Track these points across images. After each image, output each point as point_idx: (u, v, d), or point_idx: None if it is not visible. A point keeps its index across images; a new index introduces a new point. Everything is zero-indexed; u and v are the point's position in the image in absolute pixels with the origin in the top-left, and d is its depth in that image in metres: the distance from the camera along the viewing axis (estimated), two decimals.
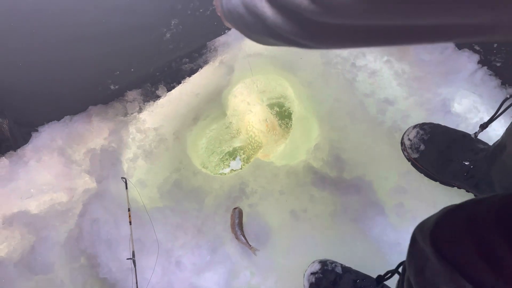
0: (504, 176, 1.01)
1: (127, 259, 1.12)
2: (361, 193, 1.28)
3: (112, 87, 1.41)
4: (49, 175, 1.32)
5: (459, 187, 1.21)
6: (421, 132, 1.24)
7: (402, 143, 1.29)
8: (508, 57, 1.30)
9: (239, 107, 1.70)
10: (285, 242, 1.25)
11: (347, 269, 1.13)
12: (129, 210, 1.16)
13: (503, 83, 1.30)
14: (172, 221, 1.26)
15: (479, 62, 1.33)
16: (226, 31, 1.50)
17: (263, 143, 1.75)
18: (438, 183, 1.24)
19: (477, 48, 1.34)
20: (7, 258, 1.23)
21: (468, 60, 1.33)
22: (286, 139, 1.67)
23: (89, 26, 1.19)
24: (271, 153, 1.68)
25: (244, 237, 1.22)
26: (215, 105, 1.56)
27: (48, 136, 1.34)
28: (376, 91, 1.40)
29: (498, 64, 1.31)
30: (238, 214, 1.25)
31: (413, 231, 0.74)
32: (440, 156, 1.21)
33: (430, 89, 1.35)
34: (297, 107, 1.60)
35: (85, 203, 1.25)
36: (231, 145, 1.76)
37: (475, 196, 1.16)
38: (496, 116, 1.11)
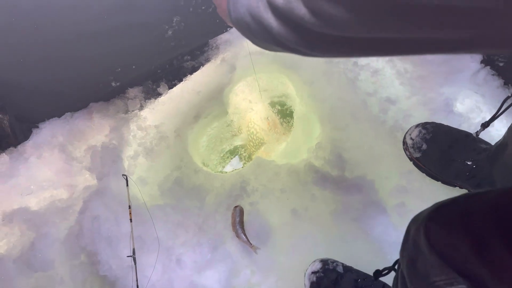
0: (506, 176, 1.00)
1: (127, 256, 1.11)
2: (363, 192, 1.28)
3: (113, 84, 1.40)
4: (49, 171, 1.31)
5: (461, 187, 1.20)
6: (423, 131, 1.24)
7: (404, 143, 1.29)
8: (511, 57, 1.30)
9: (240, 105, 1.69)
10: (286, 241, 1.24)
11: (348, 268, 1.13)
12: (129, 208, 1.15)
13: (506, 83, 1.30)
14: (173, 219, 1.26)
15: (482, 62, 1.32)
16: (228, 29, 1.49)
17: (265, 140, 1.74)
18: (440, 183, 1.24)
19: None
20: (6, 255, 1.22)
21: (471, 60, 1.33)
22: (288, 137, 1.66)
23: (91, 22, 1.19)
24: (272, 152, 1.67)
25: (245, 235, 1.21)
26: (216, 103, 1.55)
27: (49, 133, 1.33)
28: (379, 90, 1.40)
29: (501, 64, 1.31)
30: (239, 213, 1.24)
31: (408, 223, 0.74)
32: (442, 155, 1.20)
33: (433, 89, 1.35)
34: (299, 106, 1.60)
35: (85, 200, 1.24)
36: (232, 143, 1.76)
37: None
38: (497, 115, 1.10)
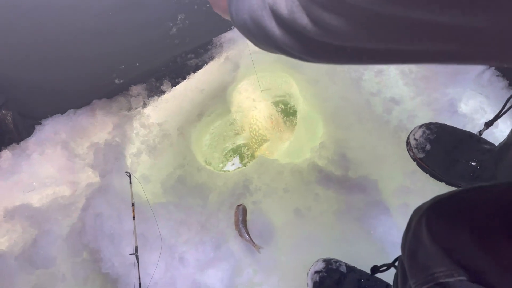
0: (510, 176, 1.00)
1: (130, 254, 1.11)
2: (366, 192, 1.27)
3: (116, 81, 1.40)
4: (52, 168, 1.31)
5: None
6: (427, 132, 1.23)
7: (408, 143, 1.28)
8: None
9: (243, 104, 1.69)
10: (289, 240, 1.24)
11: (351, 268, 1.13)
12: (132, 205, 1.15)
13: (510, 84, 1.30)
14: (175, 217, 1.25)
15: None
16: (232, 27, 1.49)
17: (267, 137, 1.74)
18: (444, 183, 1.24)
19: None
20: (8, 252, 1.22)
21: None
22: (291, 136, 1.66)
23: (95, 20, 1.18)
24: (275, 151, 1.67)
25: (248, 234, 1.21)
26: (219, 101, 1.55)
27: (52, 129, 1.33)
28: (383, 90, 1.39)
29: (506, 65, 1.30)
30: (242, 211, 1.24)
31: (411, 215, 0.74)
32: (446, 156, 1.20)
33: (437, 89, 1.35)
34: (302, 105, 1.59)
35: (88, 197, 1.24)
36: (235, 142, 1.75)
37: None
38: (501, 113, 1.10)
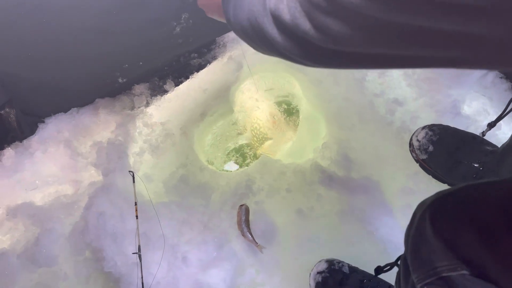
0: None
1: (132, 253, 1.10)
2: (369, 193, 1.27)
3: (120, 80, 1.40)
4: (54, 167, 1.31)
5: None
6: (430, 133, 1.24)
7: (411, 144, 1.28)
8: None
9: (246, 104, 1.69)
10: (291, 240, 1.24)
11: (354, 269, 1.13)
12: (136, 204, 1.15)
13: None
14: (178, 216, 1.25)
15: None
16: None
17: (268, 136, 1.74)
18: (447, 185, 1.24)
19: None
20: (10, 250, 1.22)
21: None
22: (294, 137, 1.66)
23: (100, 18, 1.18)
24: (278, 151, 1.67)
25: (250, 234, 1.21)
26: (222, 101, 1.55)
27: (55, 128, 1.33)
28: (386, 91, 1.39)
29: (506, 70, 1.31)
30: (244, 211, 1.24)
31: (414, 210, 0.74)
32: (449, 157, 1.20)
33: (440, 91, 1.35)
34: (305, 106, 1.60)
35: (91, 196, 1.23)
36: (237, 142, 1.75)
37: None
38: (504, 114, 1.10)
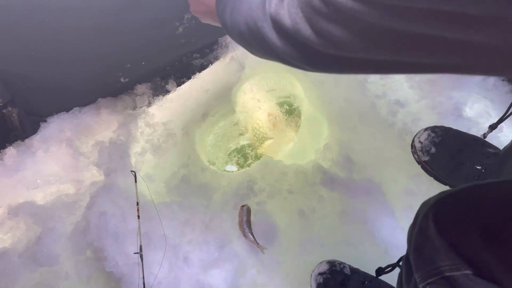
0: None
1: (134, 253, 1.10)
2: (370, 194, 1.27)
3: (122, 80, 1.40)
4: (56, 166, 1.31)
5: None
6: (432, 135, 1.24)
7: (413, 146, 1.28)
8: None
9: (248, 104, 1.69)
10: (293, 241, 1.24)
11: (355, 271, 1.13)
12: (137, 204, 1.15)
13: None
14: (179, 216, 1.25)
15: None
16: None
17: (268, 135, 1.74)
18: (448, 187, 1.24)
19: None
20: (11, 249, 1.21)
21: None
22: (295, 138, 1.66)
23: (102, 18, 1.18)
24: (279, 151, 1.67)
25: (252, 235, 1.21)
26: (224, 101, 1.55)
27: (57, 127, 1.33)
28: (388, 93, 1.39)
29: (506, 77, 1.31)
30: (246, 212, 1.23)
31: (417, 209, 0.74)
32: (451, 159, 1.20)
33: (442, 93, 1.35)
34: (306, 107, 1.60)
35: (92, 195, 1.23)
36: (239, 142, 1.75)
37: None
38: (505, 116, 1.10)
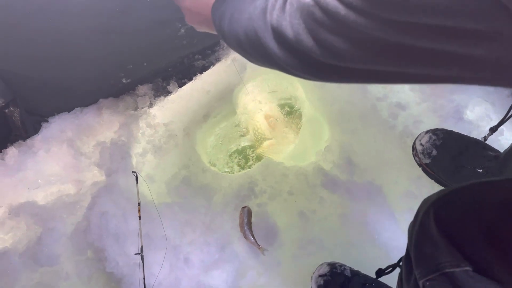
0: None
1: (135, 254, 1.10)
2: (371, 197, 1.27)
3: (124, 80, 1.40)
4: (57, 166, 1.31)
5: None
6: (433, 137, 1.24)
7: (414, 148, 1.29)
8: None
9: (249, 106, 1.69)
10: (293, 243, 1.24)
11: (356, 273, 1.13)
12: (138, 205, 1.15)
13: None
14: (180, 217, 1.25)
15: None
16: None
17: (266, 136, 1.74)
18: None
19: None
20: (12, 249, 1.21)
21: None
22: (296, 139, 1.66)
23: (104, 19, 1.18)
24: (280, 153, 1.67)
25: (252, 236, 1.21)
26: (225, 102, 1.55)
27: (58, 127, 1.33)
28: (389, 95, 1.40)
29: (502, 87, 1.31)
30: (247, 213, 1.23)
31: (418, 206, 0.74)
32: (452, 162, 1.20)
33: (443, 95, 1.35)
34: (308, 108, 1.60)
35: (93, 196, 1.23)
36: (240, 144, 1.76)
37: None
38: (506, 119, 1.10)
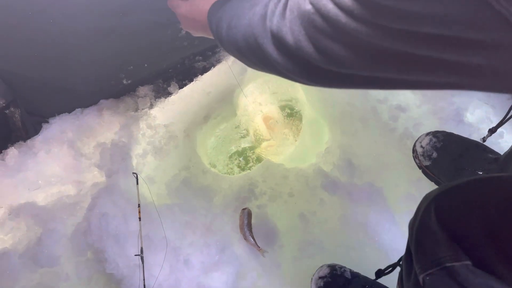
0: None
1: (135, 255, 1.10)
2: (371, 199, 1.28)
3: (124, 81, 1.40)
4: (58, 167, 1.31)
5: None
6: (434, 139, 1.24)
7: (414, 150, 1.29)
8: None
9: (249, 107, 1.69)
10: (293, 245, 1.24)
11: (356, 275, 1.13)
12: (139, 206, 1.15)
13: None
14: (180, 218, 1.25)
15: None
16: None
17: (264, 137, 1.74)
18: None
19: None
20: (12, 249, 1.21)
21: None
22: (296, 141, 1.66)
23: (105, 20, 1.18)
24: (280, 154, 1.67)
25: (253, 238, 1.21)
26: (226, 104, 1.55)
27: (59, 128, 1.33)
28: (389, 97, 1.40)
29: (501, 93, 1.31)
30: (247, 215, 1.23)
31: (420, 201, 0.74)
32: (452, 164, 1.20)
33: (443, 98, 1.35)
34: (308, 110, 1.60)
35: (93, 197, 1.23)
36: (240, 145, 1.76)
37: None
38: (505, 120, 1.10)
